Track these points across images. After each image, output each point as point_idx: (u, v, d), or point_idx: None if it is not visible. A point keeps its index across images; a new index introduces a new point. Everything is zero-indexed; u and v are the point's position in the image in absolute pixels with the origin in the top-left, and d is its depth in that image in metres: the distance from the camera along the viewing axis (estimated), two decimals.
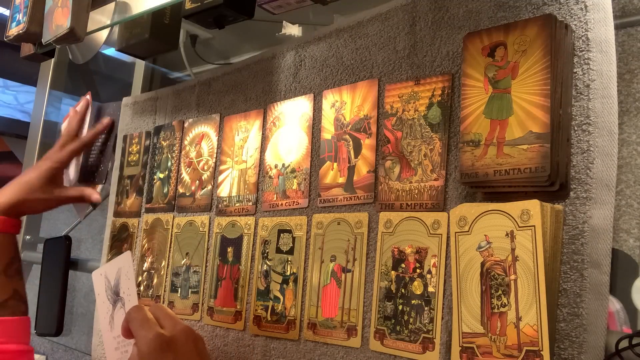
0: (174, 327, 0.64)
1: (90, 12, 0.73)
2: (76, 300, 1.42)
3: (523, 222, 0.52)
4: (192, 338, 0.65)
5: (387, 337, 0.64)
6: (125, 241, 1.04)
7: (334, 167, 0.74)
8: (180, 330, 0.64)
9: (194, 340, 0.65)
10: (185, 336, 0.64)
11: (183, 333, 0.64)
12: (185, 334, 0.64)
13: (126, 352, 0.82)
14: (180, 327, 0.65)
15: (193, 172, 0.94)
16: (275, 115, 0.83)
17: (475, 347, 0.54)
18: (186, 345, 0.63)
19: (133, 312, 0.66)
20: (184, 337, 0.64)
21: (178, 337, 0.63)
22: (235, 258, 0.84)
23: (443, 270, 0.61)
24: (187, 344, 0.64)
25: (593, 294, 0.50)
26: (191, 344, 0.64)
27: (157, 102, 1.06)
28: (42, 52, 0.90)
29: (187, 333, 0.65)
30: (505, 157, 0.54)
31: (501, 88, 0.56)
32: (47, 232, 1.46)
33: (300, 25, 1.01)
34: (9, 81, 3.14)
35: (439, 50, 0.65)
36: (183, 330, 0.65)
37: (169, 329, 0.64)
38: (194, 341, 0.65)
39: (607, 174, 0.51)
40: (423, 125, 0.65)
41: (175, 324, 0.65)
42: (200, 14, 0.74)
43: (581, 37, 0.54)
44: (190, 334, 0.65)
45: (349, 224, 0.70)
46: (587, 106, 0.53)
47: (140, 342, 0.62)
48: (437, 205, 0.62)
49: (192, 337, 0.65)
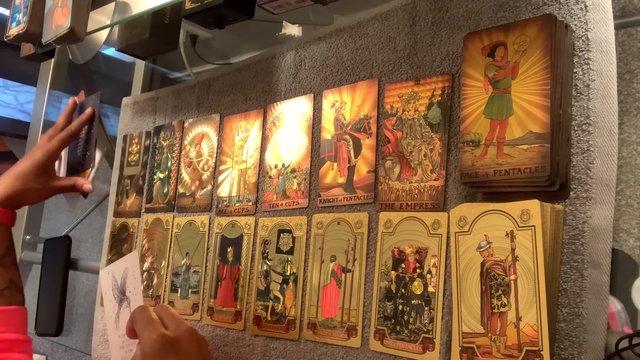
0: (178, 327, 0.65)
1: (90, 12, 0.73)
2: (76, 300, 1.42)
3: (523, 222, 0.52)
4: (196, 339, 0.65)
5: (387, 337, 0.64)
6: (125, 241, 1.04)
7: (334, 167, 0.74)
8: (184, 331, 0.65)
9: (197, 341, 0.65)
10: (188, 337, 0.64)
11: (186, 334, 0.65)
12: (189, 335, 0.65)
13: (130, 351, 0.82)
14: (184, 327, 0.65)
15: (193, 172, 0.94)
16: (275, 115, 0.83)
17: (475, 347, 0.54)
18: (189, 346, 0.64)
19: (138, 312, 0.66)
20: (187, 337, 0.64)
21: (181, 337, 0.64)
22: (235, 258, 0.84)
23: (443, 270, 0.61)
24: (190, 344, 0.64)
25: (593, 294, 0.50)
26: (194, 344, 0.64)
27: (157, 102, 1.06)
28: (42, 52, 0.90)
29: (191, 334, 0.65)
30: (505, 157, 0.54)
31: (501, 88, 0.56)
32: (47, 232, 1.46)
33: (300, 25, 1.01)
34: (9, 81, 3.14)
35: (439, 50, 0.65)
36: (187, 331, 0.65)
37: (173, 330, 0.64)
38: (197, 342, 0.65)
39: (607, 174, 0.51)
40: (423, 125, 0.65)
41: (179, 324, 0.65)
42: (200, 14, 0.74)
43: (581, 37, 0.54)
44: (193, 335, 0.65)
45: (349, 224, 0.70)
46: (587, 106, 0.53)
47: (144, 341, 0.62)
48: (437, 205, 0.62)
49: (195, 338, 0.65)
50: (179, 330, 0.64)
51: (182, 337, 0.64)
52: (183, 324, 0.66)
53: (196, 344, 0.65)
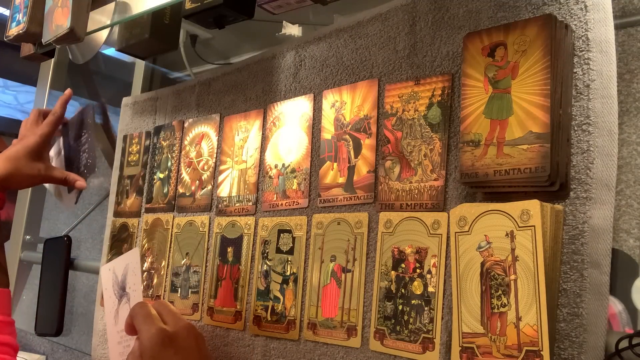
0: (177, 323, 0.65)
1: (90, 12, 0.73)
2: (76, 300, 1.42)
3: (523, 222, 0.52)
4: (194, 335, 0.66)
5: (387, 337, 0.64)
6: (125, 241, 1.04)
7: (334, 167, 0.74)
8: (183, 327, 0.65)
9: (195, 337, 0.66)
10: (187, 332, 0.65)
11: (185, 329, 0.65)
12: (187, 331, 0.65)
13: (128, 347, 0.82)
14: (182, 323, 0.66)
15: (193, 172, 0.94)
16: (275, 115, 0.83)
17: (475, 347, 0.54)
18: (187, 341, 0.64)
19: (137, 308, 0.67)
20: (185, 333, 0.65)
21: (180, 333, 0.64)
22: (235, 258, 0.84)
23: (443, 270, 0.61)
24: (189, 340, 0.65)
25: (593, 294, 0.50)
26: (192, 340, 0.65)
27: (157, 102, 1.06)
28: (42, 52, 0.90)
29: (189, 329, 0.66)
30: (505, 157, 0.54)
31: (501, 88, 0.56)
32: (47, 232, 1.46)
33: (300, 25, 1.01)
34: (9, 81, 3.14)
35: (439, 50, 0.65)
36: (185, 326, 0.66)
37: (172, 325, 0.65)
38: (195, 338, 0.66)
39: (607, 174, 0.51)
40: (423, 125, 0.65)
41: (178, 320, 0.66)
42: (200, 14, 0.74)
43: (581, 37, 0.54)
44: (191, 331, 0.66)
45: (349, 224, 0.70)
46: (587, 106, 0.53)
47: (143, 336, 0.63)
48: (437, 205, 0.62)
49: (193, 334, 0.66)
50: (178, 325, 0.65)
51: (180, 332, 0.64)
52: (181, 320, 0.67)
53: (194, 339, 0.66)
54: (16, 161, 0.95)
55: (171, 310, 0.68)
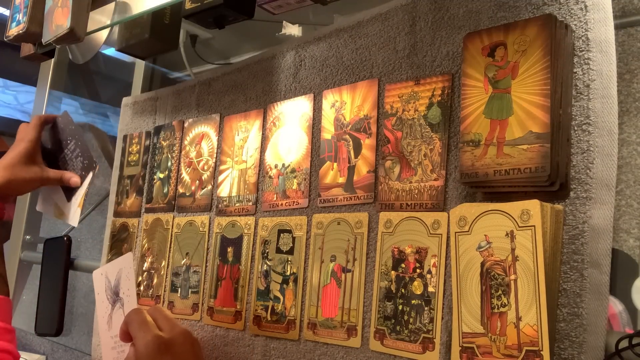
0: (172, 329, 0.65)
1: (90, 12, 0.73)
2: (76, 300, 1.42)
3: (523, 222, 0.52)
4: (190, 341, 0.66)
5: (387, 337, 0.64)
6: (125, 241, 1.04)
7: (334, 167, 0.74)
8: (178, 333, 0.65)
9: (192, 343, 0.66)
10: (183, 338, 0.65)
11: (181, 336, 0.65)
12: (183, 337, 0.65)
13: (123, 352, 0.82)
14: (178, 329, 0.66)
15: (193, 172, 0.94)
16: (275, 115, 0.83)
17: (475, 347, 0.54)
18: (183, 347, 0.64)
19: (132, 315, 0.66)
20: (181, 339, 0.65)
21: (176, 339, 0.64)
22: (235, 258, 0.84)
23: (443, 270, 0.61)
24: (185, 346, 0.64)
25: (593, 294, 0.50)
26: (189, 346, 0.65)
27: (157, 102, 1.06)
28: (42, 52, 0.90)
29: (185, 336, 0.65)
30: (505, 157, 0.54)
31: (501, 88, 0.56)
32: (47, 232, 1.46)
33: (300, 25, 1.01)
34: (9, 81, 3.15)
35: (439, 50, 0.65)
36: (181, 332, 0.65)
37: (167, 331, 0.65)
38: (192, 344, 0.66)
39: (607, 174, 0.51)
40: (423, 125, 0.65)
41: (174, 326, 0.66)
42: (200, 14, 0.74)
43: (581, 37, 0.54)
44: (187, 337, 0.66)
45: (349, 224, 0.70)
46: (587, 106, 0.53)
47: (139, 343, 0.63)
48: (437, 205, 0.62)
49: (189, 340, 0.66)
50: (174, 332, 0.65)
51: (176, 338, 0.64)
52: (177, 326, 0.66)
53: (190, 345, 0.65)
54: (12, 168, 0.96)
55: (166, 316, 0.68)
